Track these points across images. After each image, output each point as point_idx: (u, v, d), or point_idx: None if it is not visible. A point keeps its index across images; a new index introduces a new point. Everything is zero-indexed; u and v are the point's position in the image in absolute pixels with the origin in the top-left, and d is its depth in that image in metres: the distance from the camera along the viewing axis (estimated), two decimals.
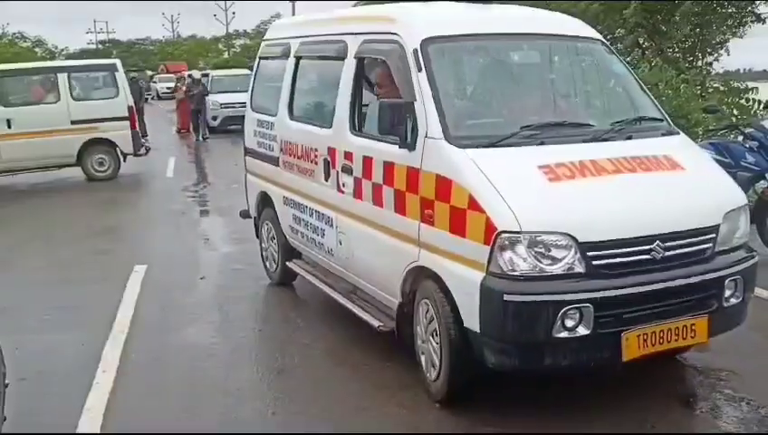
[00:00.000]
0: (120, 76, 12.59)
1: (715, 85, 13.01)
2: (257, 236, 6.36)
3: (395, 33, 4.18)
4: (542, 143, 3.77)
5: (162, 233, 8.46)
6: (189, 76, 21.89)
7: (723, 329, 3.81)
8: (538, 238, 3.35)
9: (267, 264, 6.20)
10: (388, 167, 4.08)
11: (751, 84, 12.26)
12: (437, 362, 3.80)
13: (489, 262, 3.40)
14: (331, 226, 4.78)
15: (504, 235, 3.34)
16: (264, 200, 6.00)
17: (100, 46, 69.57)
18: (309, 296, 5.62)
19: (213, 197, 10.69)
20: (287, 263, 5.72)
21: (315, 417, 3.81)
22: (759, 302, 5.42)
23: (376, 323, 4.32)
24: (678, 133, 4.32)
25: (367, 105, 4.63)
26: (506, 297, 3.34)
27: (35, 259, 7.37)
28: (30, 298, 5.95)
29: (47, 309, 5.66)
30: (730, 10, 14.05)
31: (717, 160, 6.61)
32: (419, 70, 3.91)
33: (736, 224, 3.86)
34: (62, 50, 65.29)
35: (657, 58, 12.88)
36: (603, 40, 4.75)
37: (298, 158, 5.21)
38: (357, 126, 4.51)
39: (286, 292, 5.92)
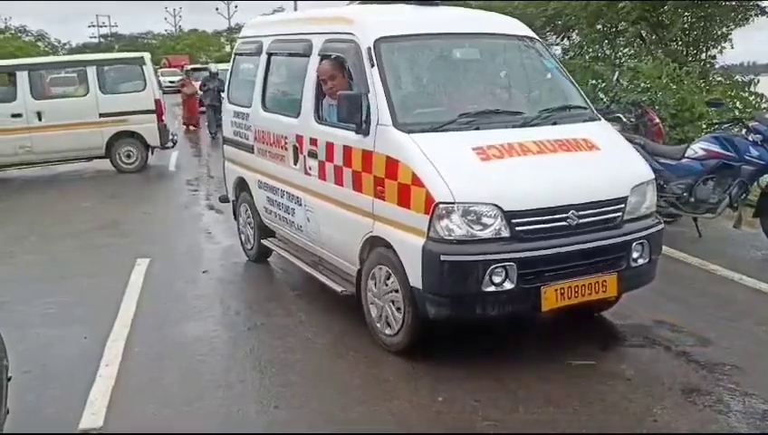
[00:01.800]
0: (148, 70, 12.62)
1: (718, 78, 12.97)
2: (235, 218, 6.85)
3: (352, 34, 4.70)
4: (477, 128, 4.31)
5: (164, 226, 8.46)
6: (206, 69, 21.73)
7: (632, 286, 4.43)
8: (470, 208, 3.91)
9: (244, 243, 6.70)
10: (347, 150, 4.61)
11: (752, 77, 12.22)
12: (399, 320, 4.29)
13: (429, 229, 3.96)
14: (300, 205, 5.31)
15: (440, 205, 3.90)
16: (241, 185, 6.49)
17: (102, 40, 69.50)
18: (310, 290, 5.61)
19: (215, 190, 10.66)
20: (262, 241, 6.22)
21: (317, 411, 3.81)
22: (763, 297, 5.44)
23: (339, 289, 4.86)
24: (599, 119, 4.88)
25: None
26: (443, 257, 3.90)
27: (38, 253, 7.37)
28: (33, 292, 5.95)
29: (50, 302, 5.66)
30: (733, 2, 14.00)
31: (721, 154, 6.63)
32: (372, 66, 4.45)
33: (644, 196, 4.43)
34: (65, 44, 65.27)
35: (660, 51, 12.83)
36: (538, 38, 5.32)
37: (270, 145, 5.72)
38: (320, 115, 5.00)
39: (288, 286, 5.92)
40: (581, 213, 4.10)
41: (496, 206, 3.92)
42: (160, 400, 3.98)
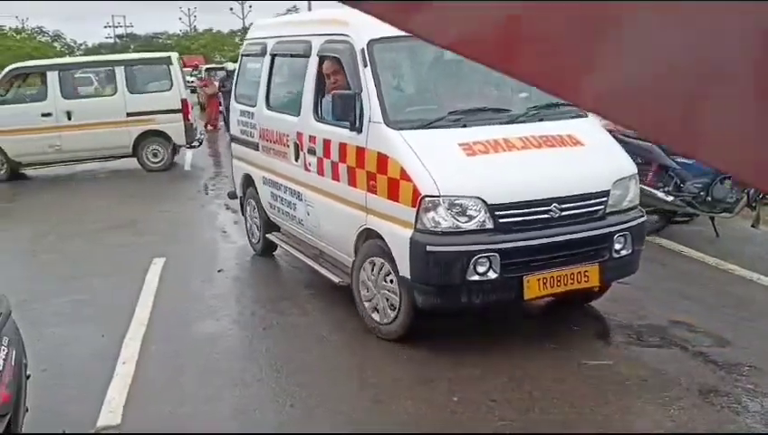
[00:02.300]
0: (175, 70, 12.73)
1: None
2: (243, 214, 7.06)
3: (347, 35, 4.89)
4: (464, 125, 4.48)
5: (180, 226, 8.50)
6: (222, 68, 21.73)
7: (615, 276, 4.64)
8: (455, 201, 4.09)
9: (251, 237, 6.92)
10: (343, 147, 4.82)
11: None
12: (396, 308, 4.45)
13: (416, 221, 4.14)
14: (301, 200, 5.53)
15: (426, 198, 4.09)
16: (248, 181, 6.72)
17: (117, 41, 69.95)
18: (325, 288, 5.62)
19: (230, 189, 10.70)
20: (267, 235, 6.44)
21: (333, 410, 3.82)
22: None
23: (336, 280, 5.10)
24: (587, 116, 4.92)
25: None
26: (429, 248, 4.08)
27: (55, 251, 7.44)
28: (51, 290, 6.02)
29: (68, 301, 5.72)
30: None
31: None
32: (365, 66, 4.63)
33: (627, 190, 4.58)
34: (81, 44, 65.74)
35: None
36: None
37: (273, 142, 5.94)
38: (319, 114, 5.21)
39: (301, 284, 5.94)
40: (564, 206, 4.25)
41: (480, 199, 4.10)
42: (177, 398, 4.01)
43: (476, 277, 4.08)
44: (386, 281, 4.51)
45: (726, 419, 3.62)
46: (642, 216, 4.68)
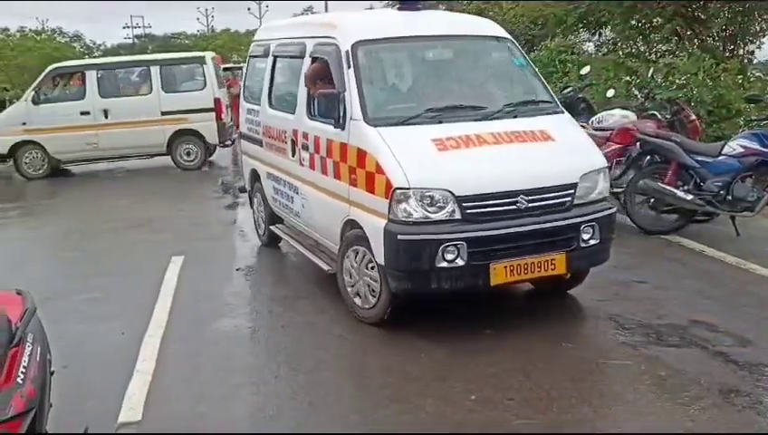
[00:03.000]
0: (209, 69, 12.86)
1: (757, 74, 12.69)
2: (251, 207, 7.36)
3: (334, 37, 5.17)
4: (440, 122, 4.71)
5: (198, 225, 8.55)
6: (239, 68, 21.67)
7: (584, 265, 4.85)
8: (425, 193, 4.33)
9: (258, 229, 7.27)
10: (329, 143, 5.10)
11: None
12: (377, 294, 4.70)
13: (389, 211, 4.40)
14: (297, 193, 5.83)
15: (398, 190, 4.35)
16: (255, 176, 7.02)
17: (136, 41, 70.40)
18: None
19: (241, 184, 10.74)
20: (271, 227, 6.75)
21: (351, 408, 3.84)
22: None
23: (326, 267, 5.36)
24: (562, 112, 5.20)
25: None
26: (399, 237, 4.35)
27: (78, 250, 7.53)
28: (72, 288, 6.09)
29: (89, 299, 5.79)
30: None
31: (760, 151, 6.50)
32: (349, 67, 4.91)
33: (595, 183, 4.77)
34: (100, 45, 66.19)
35: (696, 47, 12.58)
36: (510, 38, 5.63)
37: (274, 139, 6.24)
38: (312, 112, 5.43)
39: (318, 283, 5.95)
40: (530, 198, 4.46)
41: (449, 191, 4.33)
42: (197, 395, 4.04)
43: (445, 264, 4.31)
44: (367, 268, 4.75)
45: (747, 419, 3.58)
46: (611, 207, 4.85)
